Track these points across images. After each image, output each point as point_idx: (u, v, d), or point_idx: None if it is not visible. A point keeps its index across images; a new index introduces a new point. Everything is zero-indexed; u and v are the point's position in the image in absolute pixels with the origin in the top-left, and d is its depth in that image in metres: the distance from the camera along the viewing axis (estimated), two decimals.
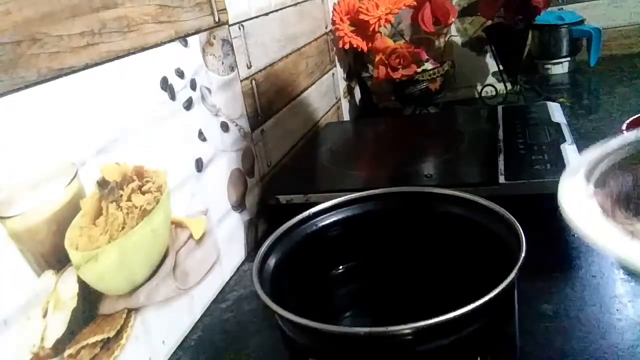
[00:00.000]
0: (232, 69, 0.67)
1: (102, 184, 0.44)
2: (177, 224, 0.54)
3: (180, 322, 0.54)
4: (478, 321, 0.35)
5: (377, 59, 1.06)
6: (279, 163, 0.81)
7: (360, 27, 1.05)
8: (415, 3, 1.02)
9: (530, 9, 0.99)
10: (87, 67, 0.44)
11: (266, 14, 0.80)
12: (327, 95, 1.06)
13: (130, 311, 0.47)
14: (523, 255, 0.37)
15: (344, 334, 0.37)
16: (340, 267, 0.51)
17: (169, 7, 0.55)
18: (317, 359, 0.36)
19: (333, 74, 1.11)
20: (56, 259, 0.40)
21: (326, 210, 0.51)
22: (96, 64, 0.45)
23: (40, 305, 0.38)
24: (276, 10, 0.83)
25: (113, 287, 0.45)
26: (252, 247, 0.69)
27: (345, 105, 1.17)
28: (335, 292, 0.51)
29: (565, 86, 1.20)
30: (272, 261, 0.45)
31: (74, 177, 0.42)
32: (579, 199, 0.33)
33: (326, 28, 1.08)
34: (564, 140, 0.70)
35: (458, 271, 0.46)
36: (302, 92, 0.92)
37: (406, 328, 0.34)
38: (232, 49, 0.68)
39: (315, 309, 0.45)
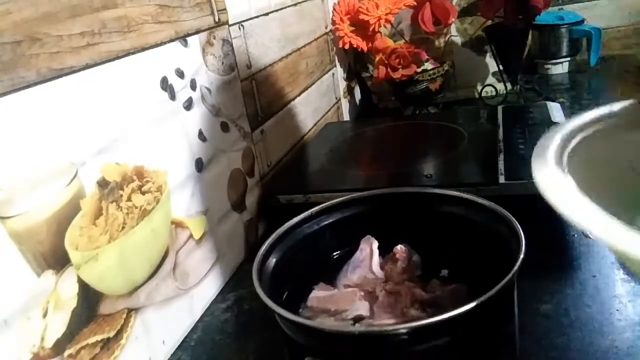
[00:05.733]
0: (232, 69, 0.67)
1: (102, 184, 0.44)
2: (177, 224, 0.54)
3: (180, 322, 0.54)
4: (476, 321, 0.35)
5: (377, 59, 1.06)
6: (279, 163, 0.81)
7: (360, 27, 1.05)
8: (415, 3, 1.02)
9: (530, 9, 0.99)
10: (87, 67, 0.44)
11: (266, 14, 0.80)
12: (327, 95, 1.06)
13: (130, 311, 0.47)
14: (522, 255, 0.37)
15: (338, 333, 0.37)
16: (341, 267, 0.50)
17: (169, 7, 0.55)
18: (314, 357, 0.37)
19: (333, 74, 1.11)
20: (56, 259, 0.40)
21: (326, 211, 0.51)
22: (96, 64, 0.45)
23: (40, 305, 0.38)
24: (276, 10, 0.83)
25: (113, 287, 0.45)
26: (252, 247, 0.69)
27: (345, 105, 1.17)
28: None
29: (565, 86, 1.20)
30: (272, 261, 0.45)
31: (74, 177, 0.42)
32: (554, 177, 0.32)
33: (326, 28, 1.08)
34: None
35: (458, 271, 0.46)
36: (302, 92, 0.92)
37: (401, 328, 0.34)
38: (232, 49, 0.68)
39: None
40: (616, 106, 0.38)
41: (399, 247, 0.48)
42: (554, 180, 0.30)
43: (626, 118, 0.37)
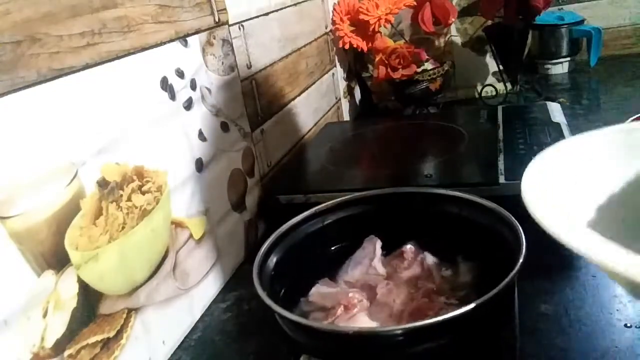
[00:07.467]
0: (232, 69, 0.67)
1: (102, 184, 0.44)
2: (177, 224, 0.54)
3: (180, 322, 0.54)
4: (476, 322, 0.35)
5: (377, 59, 1.06)
6: (279, 163, 0.81)
7: (360, 27, 1.05)
8: (415, 3, 1.02)
9: (530, 9, 0.99)
10: (87, 67, 0.44)
11: (266, 14, 0.80)
12: (327, 95, 1.06)
13: (130, 311, 0.47)
14: (523, 255, 0.37)
15: (332, 332, 0.37)
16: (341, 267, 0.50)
17: (169, 7, 0.55)
18: (310, 355, 0.37)
19: (333, 74, 1.11)
20: (56, 259, 0.40)
21: (326, 211, 0.51)
22: (96, 64, 0.45)
23: (40, 305, 0.38)
24: (276, 10, 0.83)
25: (113, 287, 0.45)
26: (252, 247, 0.69)
27: (345, 105, 1.17)
28: None
29: (565, 86, 1.20)
30: (272, 261, 0.45)
31: (74, 177, 0.42)
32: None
33: (326, 28, 1.08)
34: None
35: (458, 271, 0.46)
36: (302, 92, 0.92)
37: (396, 329, 0.34)
38: (232, 49, 0.68)
39: None
40: None
41: (408, 247, 0.48)
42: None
43: None
